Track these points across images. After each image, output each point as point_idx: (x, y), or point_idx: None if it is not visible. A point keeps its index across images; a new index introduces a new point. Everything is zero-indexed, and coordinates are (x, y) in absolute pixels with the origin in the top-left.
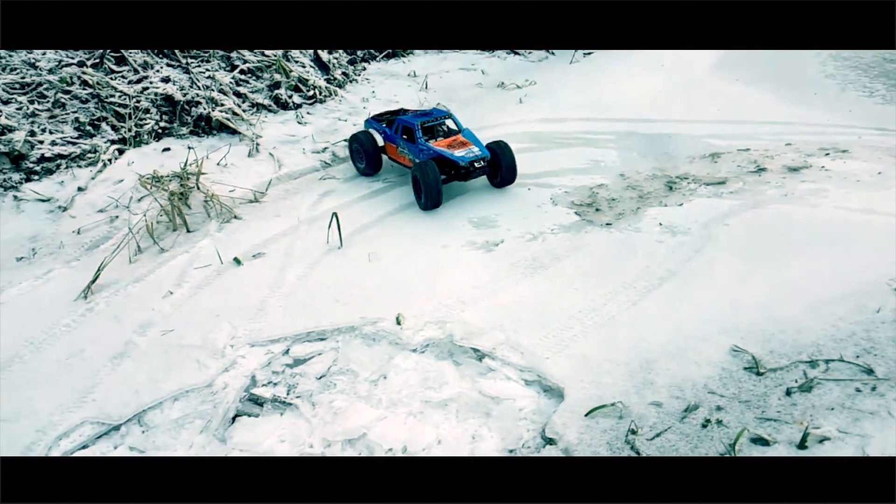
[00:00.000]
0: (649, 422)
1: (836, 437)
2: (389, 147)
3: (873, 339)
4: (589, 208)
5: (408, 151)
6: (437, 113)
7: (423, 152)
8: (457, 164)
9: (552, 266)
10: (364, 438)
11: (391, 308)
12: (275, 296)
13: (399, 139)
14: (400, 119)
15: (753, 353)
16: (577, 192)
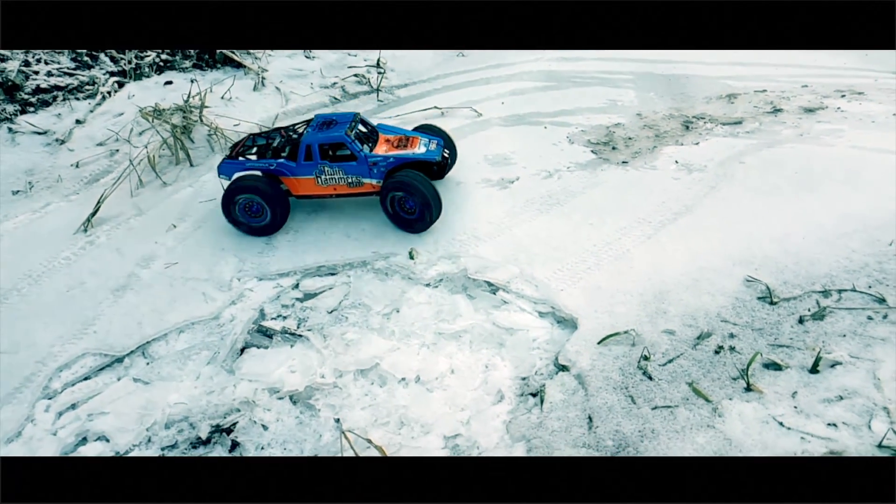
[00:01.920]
0: (662, 348)
1: (847, 361)
2: (295, 183)
3: (885, 270)
4: (605, 147)
5: (344, 174)
6: (342, 117)
7: (376, 166)
8: (430, 162)
9: (567, 202)
10: (376, 368)
11: (404, 243)
12: (283, 230)
13: (318, 165)
14: (308, 139)
15: (767, 283)
16: (594, 131)
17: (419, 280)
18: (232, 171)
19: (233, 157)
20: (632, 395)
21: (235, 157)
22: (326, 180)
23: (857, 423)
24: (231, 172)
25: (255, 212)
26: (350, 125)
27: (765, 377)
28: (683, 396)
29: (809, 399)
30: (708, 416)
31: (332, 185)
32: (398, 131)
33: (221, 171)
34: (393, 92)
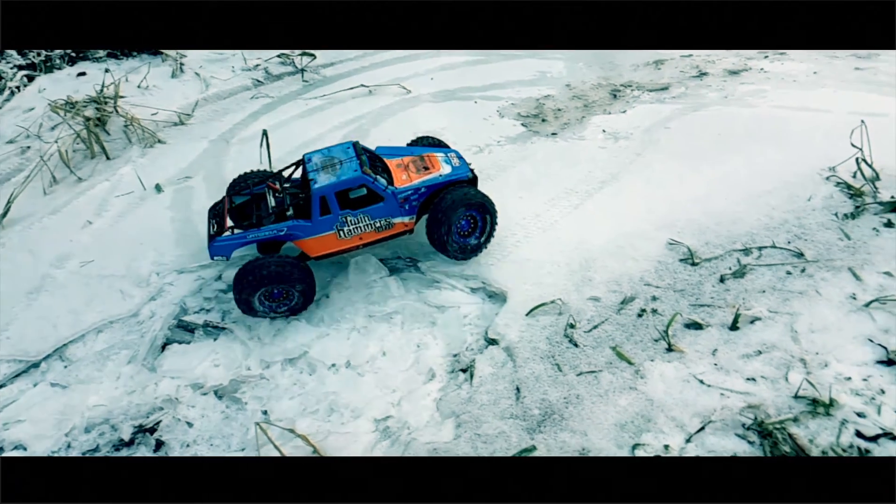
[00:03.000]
0: (587, 315)
1: (766, 316)
2: (312, 244)
3: (804, 225)
4: (535, 119)
5: (371, 220)
6: (340, 152)
7: (408, 201)
8: (463, 180)
9: (498, 177)
10: (305, 356)
11: None
12: (203, 220)
13: (339, 216)
14: (321, 190)
15: (689, 245)
16: (524, 104)
17: (346, 263)
18: (230, 251)
19: (224, 231)
20: (558, 363)
21: (228, 231)
22: (350, 231)
23: (775, 376)
24: (229, 252)
25: (277, 297)
26: (360, 160)
27: (686, 337)
28: (607, 361)
29: (729, 356)
30: (630, 379)
31: (356, 235)
32: (402, 152)
33: (215, 252)
34: (319, 71)
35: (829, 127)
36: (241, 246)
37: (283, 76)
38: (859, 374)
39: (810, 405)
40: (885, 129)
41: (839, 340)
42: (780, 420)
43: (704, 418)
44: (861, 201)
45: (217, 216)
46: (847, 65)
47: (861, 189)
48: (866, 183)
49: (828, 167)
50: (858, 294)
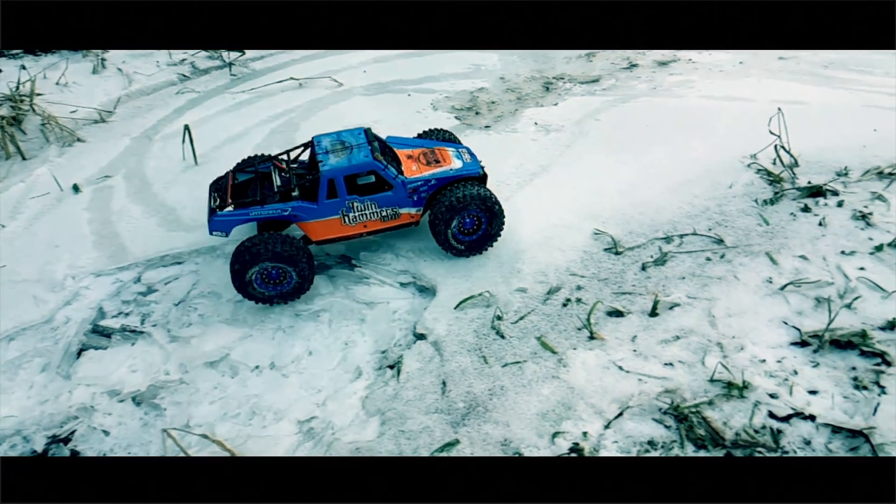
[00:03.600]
0: (514, 307)
1: (685, 302)
2: (316, 227)
3: (725, 212)
4: (469, 112)
5: (378, 207)
6: (352, 137)
7: (417, 192)
8: (473, 176)
9: None
10: (227, 359)
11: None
12: (122, 220)
13: (346, 201)
14: (330, 172)
15: (613, 234)
16: (458, 97)
17: None
18: (231, 226)
19: (226, 206)
20: (484, 355)
21: (233, 207)
22: (356, 218)
23: (692, 361)
24: (230, 228)
25: (274, 278)
26: (372, 146)
27: (608, 325)
28: (532, 351)
29: (648, 342)
30: (553, 368)
31: (361, 222)
32: (413, 143)
33: (215, 227)
34: (248, 65)
35: (753, 115)
36: (243, 223)
37: (210, 70)
38: (774, 356)
39: (725, 388)
40: (804, 117)
41: (755, 324)
42: (695, 404)
43: (623, 404)
44: (780, 187)
45: (219, 190)
46: (771, 54)
47: (780, 175)
48: (785, 169)
49: (749, 155)
50: (775, 278)
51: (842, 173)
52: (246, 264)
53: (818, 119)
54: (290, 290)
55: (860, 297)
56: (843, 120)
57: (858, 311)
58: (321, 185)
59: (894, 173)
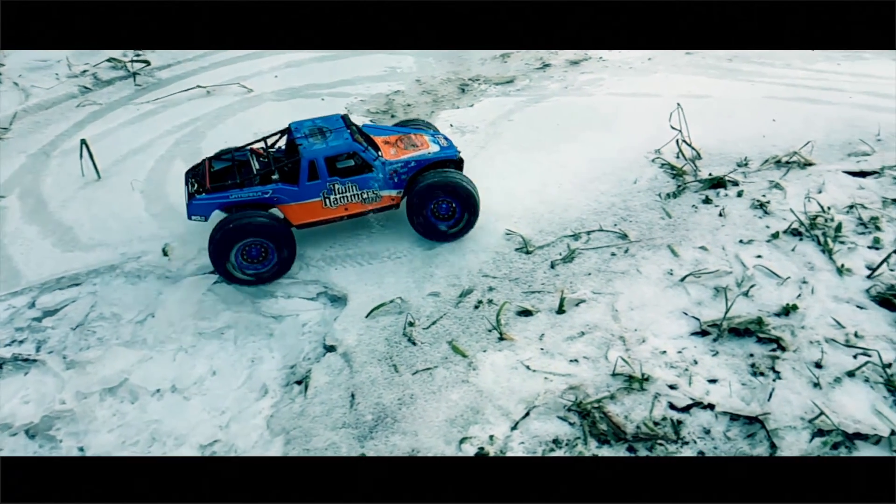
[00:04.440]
0: (427, 312)
1: (590, 298)
2: (297, 210)
3: (630, 207)
4: (385, 115)
5: (359, 189)
6: (329, 122)
7: (397, 174)
8: (451, 159)
9: None
10: (126, 384)
11: (158, 239)
12: (16, 242)
13: (327, 183)
14: (310, 153)
15: (524, 234)
16: (374, 100)
17: (177, 276)
18: (210, 210)
19: (205, 192)
20: (395, 363)
21: (209, 191)
22: (337, 200)
23: (596, 356)
24: (209, 211)
25: (254, 256)
26: (350, 130)
27: (517, 324)
28: (443, 356)
29: (555, 339)
30: (464, 372)
31: (342, 204)
32: (389, 131)
33: (194, 211)
34: (153, 74)
35: (659, 111)
36: (222, 206)
37: (113, 81)
38: (674, 346)
39: (626, 382)
40: (708, 110)
41: (656, 316)
42: (597, 399)
43: (529, 404)
44: (682, 181)
45: (197, 176)
46: (678, 50)
47: (682, 169)
48: (687, 162)
49: (654, 150)
50: (675, 270)
51: (742, 164)
52: (235, 234)
53: (721, 111)
54: (268, 271)
55: (755, 284)
56: (744, 111)
57: (755, 299)
58: (302, 167)
59: (791, 162)
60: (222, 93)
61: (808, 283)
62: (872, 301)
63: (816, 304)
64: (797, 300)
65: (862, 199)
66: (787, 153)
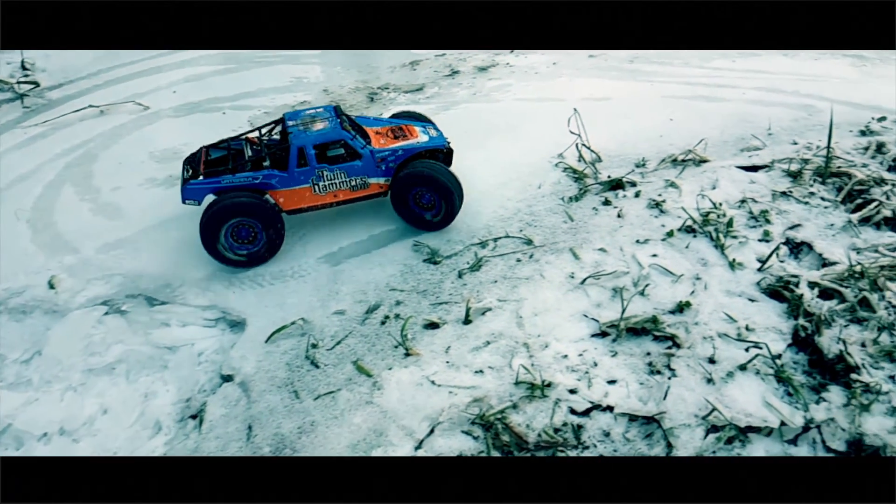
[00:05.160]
0: (331, 331)
1: (496, 306)
2: (287, 195)
3: (534, 212)
4: None
5: (347, 177)
6: (321, 113)
7: (384, 162)
8: (440, 149)
9: None
10: (9, 430)
11: (46, 271)
12: None
13: (316, 170)
14: (300, 140)
15: (432, 244)
16: (278, 112)
17: (66, 310)
18: (203, 194)
19: (199, 177)
20: (296, 389)
21: (204, 176)
22: (325, 187)
23: (500, 365)
24: (201, 196)
25: (243, 237)
26: (340, 119)
27: (424, 338)
28: (348, 377)
29: (461, 351)
30: (368, 393)
31: (331, 191)
32: (382, 122)
33: (188, 195)
34: (43, 95)
35: (562, 115)
36: (214, 191)
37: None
38: (576, 350)
39: (528, 390)
40: (609, 112)
41: (558, 320)
42: (500, 410)
43: (433, 421)
44: (583, 184)
45: (192, 164)
46: (582, 53)
47: (583, 172)
48: (588, 165)
49: (557, 154)
50: (577, 272)
51: (640, 164)
52: (225, 213)
53: (621, 113)
54: (259, 252)
55: (650, 283)
56: (643, 112)
57: (651, 298)
58: (291, 154)
59: (686, 160)
60: (117, 112)
61: (702, 279)
62: (763, 293)
63: (710, 299)
64: (691, 297)
65: (753, 193)
66: (683, 151)
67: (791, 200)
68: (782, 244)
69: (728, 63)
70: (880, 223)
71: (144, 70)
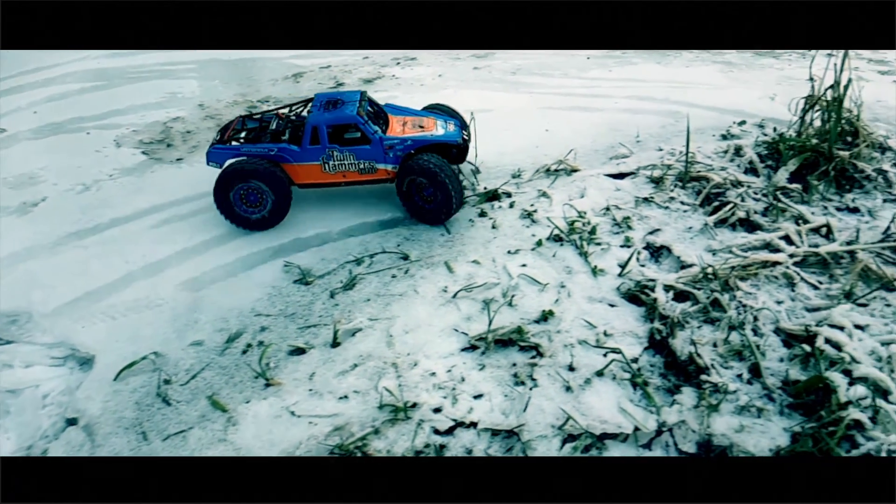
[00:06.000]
0: (187, 365)
1: (366, 326)
2: (299, 170)
3: (413, 226)
4: (160, 145)
5: (356, 160)
6: (348, 97)
7: (392, 149)
8: (450, 144)
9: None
10: None
11: None
12: None
13: (327, 149)
14: (315, 119)
15: (304, 263)
16: (148, 130)
17: None
18: (224, 158)
19: (223, 142)
20: (145, 430)
21: (227, 142)
22: (335, 166)
23: (367, 388)
24: (223, 160)
25: (252, 201)
26: (360, 104)
27: (288, 365)
28: (201, 414)
29: (326, 376)
30: (221, 430)
31: (340, 171)
32: (409, 112)
33: (211, 158)
34: None
35: None
36: (234, 157)
37: None
38: (444, 366)
39: (392, 412)
40: (490, 124)
41: (429, 336)
42: (361, 437)
43: (289, 455)
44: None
45: (222, 130)
46: (467, 65)
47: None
48: (465, 178)
49: None
50: (450, 286)
51: (516, 175)
52: (235, 175)
53: (501, 125)
54: (261, 218)
55: (518, 293)
56: (522, 123)
57: (518, 308)
58: (305, 131)
59: (559, 169)
60: None
61: (566, 286)
62: (623, 298)
63: (573, 306)
64: (555, 305)
65: (617, 200)
66: (555, 161)
67: (653, 206)
68: (643, 249)
69: (605, 73)
70: (735, 224)
71: (3, 90)
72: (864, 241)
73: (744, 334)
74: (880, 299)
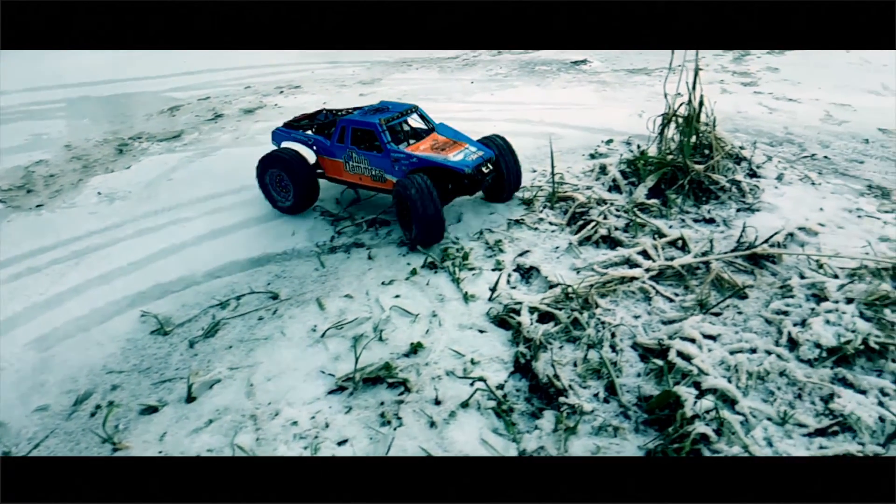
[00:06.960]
0: (29, 433)
1: (226, 376)
2: (329, 163)
3: (285, 263)
4: (19, 191)
5: (369, 165)
6: (396, 107)
7: (398, 163)
8: (458, 172)
9: None
10: None
11: None
12: None
13: (348, 149)
14: (345, 120)
15: (164, 311)
16: (8, 175)
17: None
18: (280, 140)
19: (288, 126)
20: None
21: (289, 127)
22: (354, 167)
23: (221, 446)
24: (280, 141)
25: (281, 186)
26: (393, 115)
27: (139, 426)
28: None
29: (178, 436)
30: None
31: (357, 173)
32: (452, 135)
33: (274, 137)
34: None
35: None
36: (287, 140)
37: None
38: (308, 413)
39: None
40: None
41: (293, 382)
42: None
43: None
44: (339, 226)
45: (293, 121)
46: (353, 92)
47: (339, 214)
48: (341, 208)
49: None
50: (319, 325)
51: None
52: (268, 161)
53: None
54: (288, 206)
55: (390, 326)
56: None
57: (389, 342)
58: (336, 129)
59: None
60: None
61: (437, 315)
62: (492, 323)
63: (443, 336)
64: (425, 336)
65: (490, 223)
66: None
67: (523, 228)
68: (513, 271)
69: (487, 96)
70: (598, 241)
71: None
72: (718, 251)
73: (601, 352)
74: (733, 307)
